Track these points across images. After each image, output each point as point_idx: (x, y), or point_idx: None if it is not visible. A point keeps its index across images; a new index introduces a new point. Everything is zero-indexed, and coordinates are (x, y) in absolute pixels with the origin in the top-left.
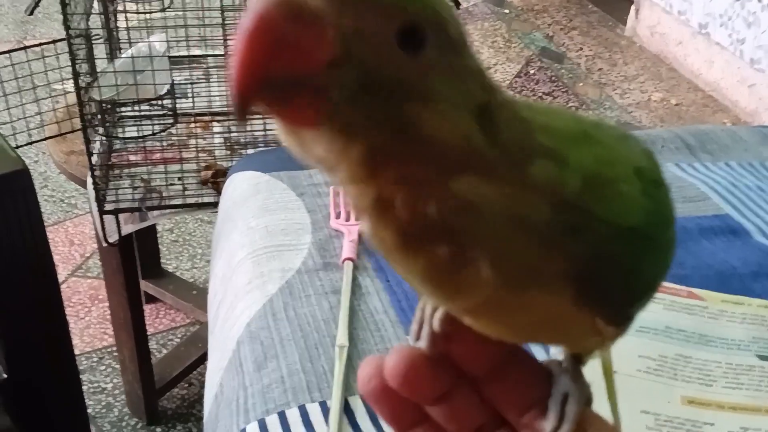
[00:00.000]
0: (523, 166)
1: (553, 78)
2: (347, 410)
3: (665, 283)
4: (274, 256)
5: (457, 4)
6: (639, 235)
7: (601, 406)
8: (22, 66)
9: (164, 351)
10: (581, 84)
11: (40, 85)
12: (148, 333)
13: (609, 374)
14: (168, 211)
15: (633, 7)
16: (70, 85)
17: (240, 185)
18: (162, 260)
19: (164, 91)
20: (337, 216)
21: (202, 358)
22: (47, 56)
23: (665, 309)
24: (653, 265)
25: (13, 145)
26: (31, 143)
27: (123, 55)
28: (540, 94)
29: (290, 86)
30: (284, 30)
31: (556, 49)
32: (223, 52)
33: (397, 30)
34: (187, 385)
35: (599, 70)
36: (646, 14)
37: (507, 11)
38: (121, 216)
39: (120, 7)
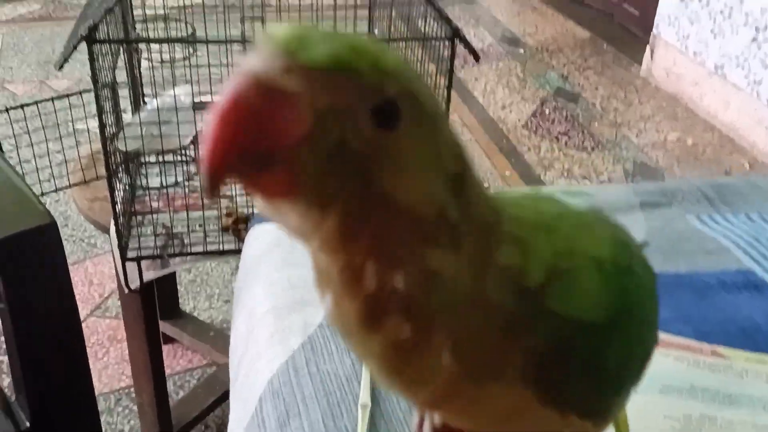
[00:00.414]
0: (491, 249)
1: (568, 118)
2: None
3: (689, 341)
4: (296, 311)
5: (476, 58)
6: (597, 328)
7: None
8: (48, 112)
9: (181, 392)
10: (596, 124)
11: (65, 135)
12: (165, 375)
13: None
14: (189, 258)
15: (648, 48)
16: (93, 127)
17: (262, 237)
18: (179, 300)
19: (188, 141)
20: None
21: (220, 401)
22: (74, 106)
23: (689, 367)
24: (618, 356)
25: (39, 191)
26: (56, 190)
27: (148, 106)
28: (556, 134)
29: (263, 160)
30: (256, 108)
31: (571, 88)
32: None
33: (373, 107)
34: (204, 428)
35: (615, 110)
36: (661, 54)
37: (522, 51)
38: (143, 263)
39: (144, 56)
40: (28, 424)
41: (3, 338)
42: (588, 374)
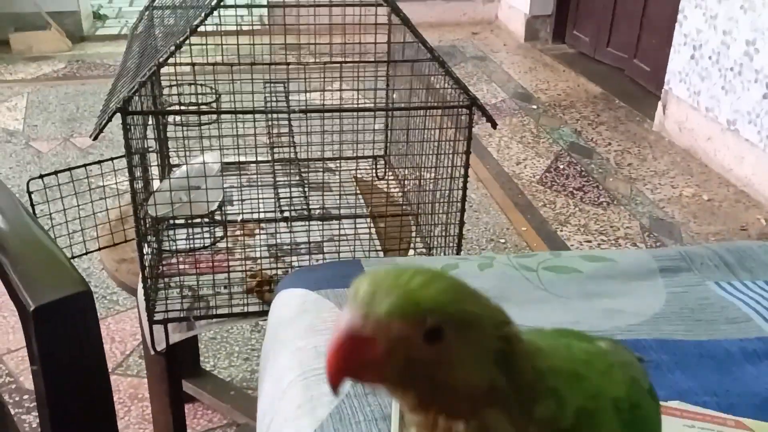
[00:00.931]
0: (532, 405)
1: (582, 173)
2: None
3: (713, 412)
4: (324, 380)
5: (494, 125)
6: None
7: None
8: (79, 175)
9: None
10: (611, 179)
11: (95, 200)
12: None
13: None
14: (214, 320)
15: (660, 103)
16: (120, 187)
17: (288, 302)
18: (200, 358)
19: (216, 207)
20: None
21: None
22: (105, 172)
23: None
24: None
25: (69, 255)
26: (86, 253)
27: (177, 173)
28: (571, 189)
29: (361, 370)
30: (351, 347)
31: (585, 144)
32: (268, 159)
33: (423, 333)
34: None
35: (629, 165)
36: (673, 110)
37: (535, 107)
38: (169, 325)
39: (172, 120)
40: None
41: (27, 396)
42: None
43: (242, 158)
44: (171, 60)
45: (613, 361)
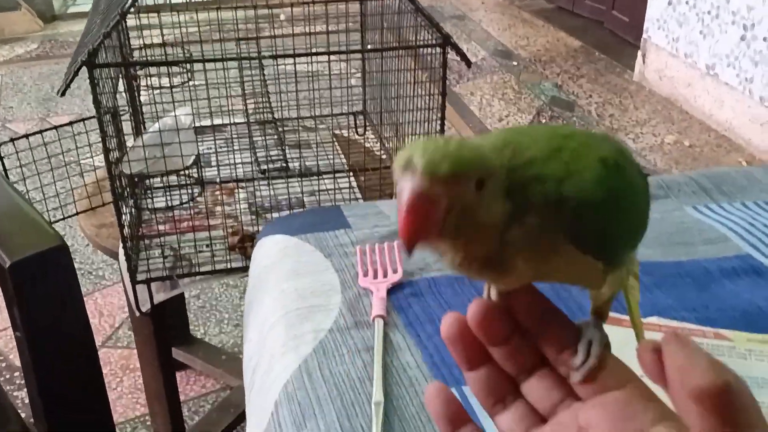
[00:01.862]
0: (528, 198)
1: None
2: None
3: (692, 325)
4: (306, 318)
5: (468, 64)
6: (603, 203)
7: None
8: (52, 144)
9: (196, 418)
10: (594, 131)
11: (71, 162)
12: (180, 400)
13: (634, 310)
14: (198, 278)
15: (639, 53)
16: (98, 162)
17: (269, 249)
18: (190, 327)
19: (191, 162)
20: (365, 274)
21: (235, 424)
22: (78, 134)
23: None
24: (622, 222)
25: (47, 220)
26: (64, 218)
27: (150, 129)
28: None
29: (430, 230)
30: (423, 209)
31: (566, 97)
32: (244, 120)
33: (474, 185)
34: None
35: (610, 116)
36: (653, 59)
37: (515, 63)
38: (153, 285)
39: (144, 83)
40: None
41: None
42: (601, 232)
43: (217, 120)
44: (137, 7)
45: (602, 136)
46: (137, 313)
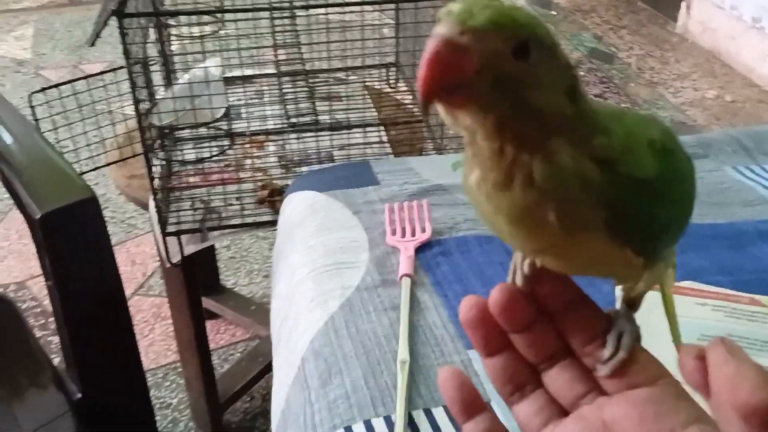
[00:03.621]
0: (590, 138)
1: (603, 79)
2: (411, 424)
3: (726, 290)
4: (334, 275)
5: None
6: (649, 186)
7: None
8: (83, 94)
9: (226, 366)
10: (633, 84)
11: (101, 112)
12: (210, 349)
13: (670, 307)
14: (227, 231)
15: (683, 4)
16: (129, 110)
17: (297, 205)
18: (220, 277)
19: (221, 114)
20: (393, 233)
21: (263, 373)
22: (109, 83)
23: (727, 316)
24: (665, 210)
25: (78, 171)
26: (94, 169)
27: (180, 81)
28: (591, 96)
29: (452, 88)
30: (448, 57)
31: (606, 49)
32: (275, 71)
33: (512, 48)
34: (249, 399)
35: (651, 69)
36: (697, 10)
37: (554, 13)
38: (183, 237)
39: (174, 32)
40: (79, 395)
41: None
42: (643, 220)
43: (247, 72)
44: None
45: (648, 118)
46: (167, 265)
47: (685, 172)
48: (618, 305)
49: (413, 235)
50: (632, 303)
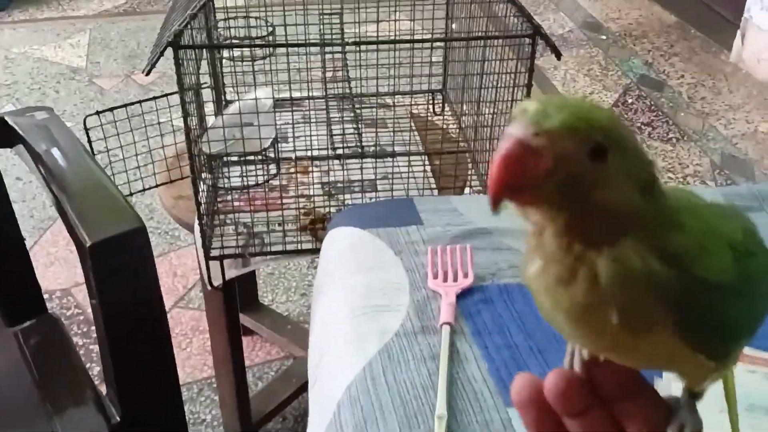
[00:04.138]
0: (663, 235)
1: (652, 107)
2: None
3: None
4: (373, 317)
5: (558, 56)
6: (725, 291)
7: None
8: (136, 112)
9: (260, 384)
10: (682, 114)
11: (152, 135)
12: (245, 366)
13: (732, 402)
14: (269, 257)
15: (738, 32)
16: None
17: (339, 241)
18: (258, 293)
19: (269, 143)
20: (435, 276)
21: (296, 394)
22: (159, 96)
23: None
24: (742, 315)
25: (127, 192)
26: (143, 191)
27: (230, 109)
28: (639, 125)
29: (523, 188)
30: (521, 159)
31: (656, 76)
32: (321, 95)
33: (589, 150)
34: (281, 420)
35: (702, 99)
36: (752, 40)
37: (604, 37)
38: (225, 260)
39: (226, 54)
40: (118, 418)
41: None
42: (717, 324)
43: (296, 94)
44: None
45: (730, 211)
46: (209, 287)
47: (763, 273)
48: (680, 393)
49: (455, 279)
50: (696, 393)
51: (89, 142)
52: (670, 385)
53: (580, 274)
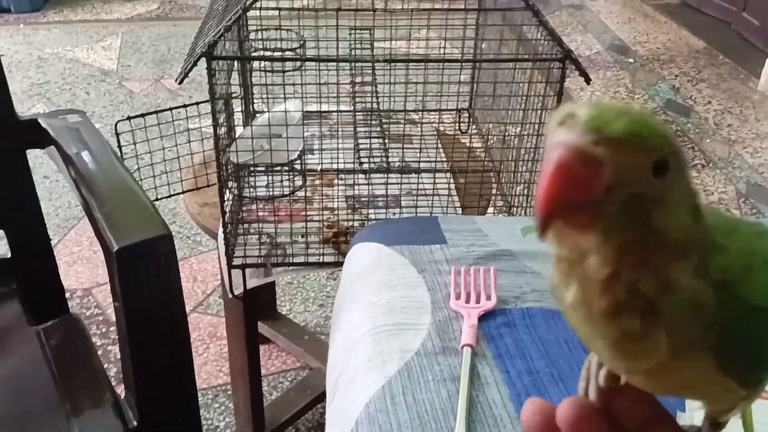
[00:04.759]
0: (708, 258)
1: (678, 133)
2: None
3: None
4: (394, 335)
5: (587, 80)
6: (765, 314)
7: None
8: (165, 120)
9: (275, 393)
10: (708, 140)
11: (181, 142)
12: (261, 375)
13: (749, 424)
14: (291, 268)
15: (767, 61)
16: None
17: (362, 257)
18: (276, 302)
19: (296, 156)
20: (457, 297)
21: (311, 405)
22: (189, 104)
23: None
24: None
25: (153, 197)
26: (169, 196)
27: (259, 120)
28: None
29: (579, 205)
30: (578, 171)
31: (683, 101)
32: (349, 108)
33: (653, 164)
34: (295, 430)
35: (729, 126)
36: None
37: (631, 60)
38: (247, 270)
39: (256, 65)
40: (135, 422)
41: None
42: (755, 349)
43: (324, 107)
44: (257, 4)
45: (759, 228)
46: (230, 296)
47: None
48: (700, 422)
49: (478, 301)
50: (717, 423)
51: (119, 147)
52: (693, 415)
53: (630, 305)
